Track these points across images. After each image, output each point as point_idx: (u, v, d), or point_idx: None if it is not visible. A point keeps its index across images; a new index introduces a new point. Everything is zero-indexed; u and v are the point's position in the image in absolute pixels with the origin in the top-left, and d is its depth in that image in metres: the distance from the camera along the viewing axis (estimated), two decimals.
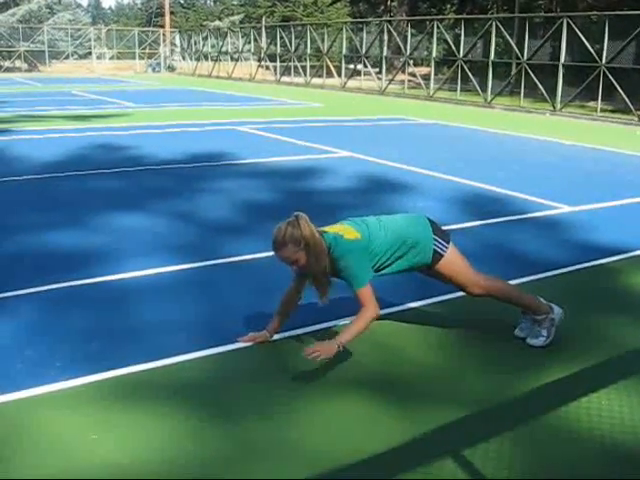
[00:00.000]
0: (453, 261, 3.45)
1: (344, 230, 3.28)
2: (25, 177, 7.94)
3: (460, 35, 20.94)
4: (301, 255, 3.16)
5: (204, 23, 52.51)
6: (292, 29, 28.94)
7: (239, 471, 2.55)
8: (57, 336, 3.64)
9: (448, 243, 3.44)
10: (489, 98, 19.65)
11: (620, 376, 3.33)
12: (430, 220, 3.49)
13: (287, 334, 3.51)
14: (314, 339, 3.51)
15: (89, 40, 39.73)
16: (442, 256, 3.41)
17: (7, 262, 4.89)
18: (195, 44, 36.85)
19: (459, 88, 21.04)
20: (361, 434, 2.80)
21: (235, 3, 67.98)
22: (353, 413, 2.96)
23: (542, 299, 3.68)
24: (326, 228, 3.32)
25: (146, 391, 3.11)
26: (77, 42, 39.55)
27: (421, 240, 3.38)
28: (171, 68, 39.19)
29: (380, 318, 3.41)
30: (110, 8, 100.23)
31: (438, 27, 21.43)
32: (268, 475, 2.52)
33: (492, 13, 24.71)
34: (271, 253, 3.27)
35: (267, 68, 31.15)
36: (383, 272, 3.39)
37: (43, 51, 37.09)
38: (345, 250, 3.20)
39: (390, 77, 24.00)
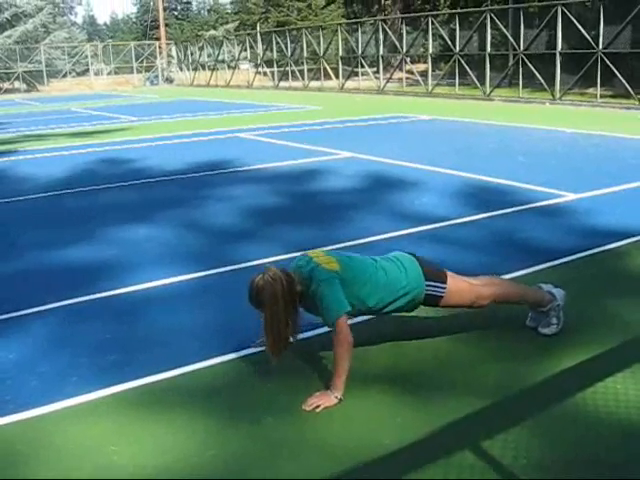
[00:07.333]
0: (454, 292, 3.39)
1: (324, 260, 3.22)
2: (32, 196, 7.99)
3: (455, 30, 20.94)
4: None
5: (199, 33, 52.71)
6: (287, 34, 29.00)
7: (263, 472, 2.57)
8: (73, 351, 3.67)
9: (445, 283, 3.36)
10: (488, 91, 19.65)
11: (634, 359, 3.33)
12: (422, 262, 3.39)
13: (299, 336, 3.52)
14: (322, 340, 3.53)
15: (86, 57, 39.87)
16: (442, 296, 3.37)
17: (19, 280, 4.93)
18: (191, 54, 36.97)
19: (457, 83, 21.05)
20: (380, 428, 2.81)
21: (229, 11, 68.15)
22: (370, 408, 2.98)
23: (542, 286, 3.68)
24: (310, 255, 3.28)
25: (163, 400, 3.13)
26: (74, 60, 39.73)
27: (411, 291, 3.31)
28: (169, 80, 39.32)
29: None
30: (105, 24, 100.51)
31: (433, 23, 21.47)
32: (293, 474, 2.54)
33: (486, 5, 24.65)
34: (279, 257, 3.29)
35: (265, 74, 31.21)
36: (371, 312, 3.36)
37: (41, 70, 37.23)
38: (320, 279, 3.13)
39: (388, 76, 24.03)
